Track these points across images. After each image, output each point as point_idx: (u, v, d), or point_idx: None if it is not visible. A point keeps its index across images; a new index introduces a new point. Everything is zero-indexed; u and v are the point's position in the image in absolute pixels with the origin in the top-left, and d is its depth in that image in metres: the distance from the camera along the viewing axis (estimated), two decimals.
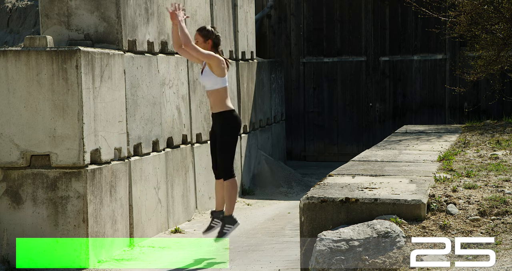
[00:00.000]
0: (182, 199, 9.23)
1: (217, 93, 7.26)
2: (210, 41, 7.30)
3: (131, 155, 8.01)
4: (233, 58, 11.42)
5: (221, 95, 7.26)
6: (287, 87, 14.87)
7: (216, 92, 7.26)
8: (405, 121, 14.38)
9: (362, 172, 6.35)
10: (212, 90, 7.28)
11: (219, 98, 7.27)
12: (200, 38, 7.30)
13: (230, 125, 7.29)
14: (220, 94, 7.26)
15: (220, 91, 7.25)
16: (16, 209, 7.06)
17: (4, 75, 7.02)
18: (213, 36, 7.30)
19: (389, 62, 14.66)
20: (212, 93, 7.30)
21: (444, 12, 12.65)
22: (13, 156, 7.04)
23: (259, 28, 14.83)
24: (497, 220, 5.14)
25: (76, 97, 6.97)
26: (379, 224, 4.93)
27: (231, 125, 7.30)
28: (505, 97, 13.41)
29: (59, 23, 7.85)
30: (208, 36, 7.30)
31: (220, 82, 7.25)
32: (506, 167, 6.53)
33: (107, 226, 7.34)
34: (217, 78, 7.24)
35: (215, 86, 7.26)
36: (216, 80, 7.25)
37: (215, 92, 7.27)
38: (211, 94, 7.30)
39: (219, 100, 7.27)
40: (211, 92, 7.29)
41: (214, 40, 7.31)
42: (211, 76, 7.24)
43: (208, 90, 7.33)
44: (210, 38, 7.30)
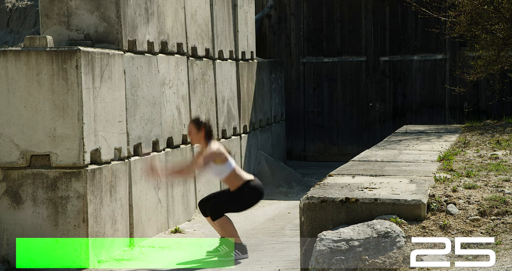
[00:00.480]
0: (182, 199, 9.23)
1: (227, 178, 7.42)
2: (203, 130, 7.37)
3: (131, 155, 8.01)
4: (233, 58, 11.42)
5: (232, 177, 7.39)
6: (287, 87, 14.87)
7: (226, 178, 7.42)
8: (405, 121, 14.38)
9: (362, 172, 6.35)
10: (222, 178, 7.46)
11: (231, 181, 7.42)
12: (194, 129, 7.40)
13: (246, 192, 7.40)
14: (230, 177, 7.40)
15: (229, 175, 7.39)
16: (16, 209, 7.06)
17: (4, 75, 7.02)
18: (206, 126, 7.41)
19: (389, 62, 14.66)
20: (223, 180, 7.48)
21: (444, 12, 12.65)
22: (13, 156, 7.04)
23: (259, 28, 14.83)
24: (497, 220, 5.14)
25: (76, 97, 6.97)
26: (379, 224, 4.93)
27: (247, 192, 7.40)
28: (505, 97, 13.41)
29: (59, 23, 7.85)
30: (200, 127, 7.40)
31: (226, 169, 7.37)
32: (506, 167, 6.53)
33: (107, 226, 7.34)
34: (221, 166, 7.36)
35: (223, 175, 7.40)
36: (222, 169, 7.37)
37: (225, 178, 7.43)
38: (223, 180, 7.48)
39: (231, 182, 7.42)
40: (223, 180, 7.47)
41: (207, 130, 7.40)
42: (216, 167, 7.37)
43: (221, 179, 7.51)
44: (202, 128, 7.39)
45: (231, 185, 7.40)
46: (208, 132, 7.40)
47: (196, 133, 7.38)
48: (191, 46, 9.77)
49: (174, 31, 9.22)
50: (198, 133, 7.37)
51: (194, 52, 9.88)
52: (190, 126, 7.43)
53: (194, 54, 9.90)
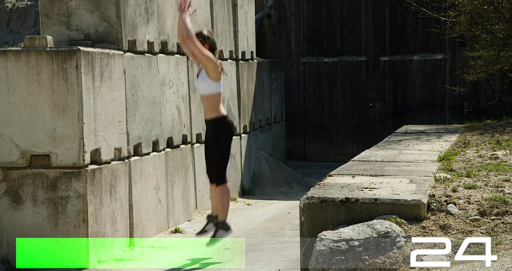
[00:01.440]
0: (182, 199, 9.23)
1: (211, 98, 7.25)
2: (207, 46, 7.30)
3: (131, 155, 8.01)
4: (233, 58, 11.42)
5: (215, 100, 7.25)
6: (287, 87, 14.87)
7: (210, 97, 7.25)
8: (405, 121, 14.38)
9: (362, 172, 6.35)
10: (206, 95, 7.27)
11: (213, 104, 7.26)
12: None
13: (224, 131, 7.31)
14: (214, 99, 7.25)
15: (215, 96, 7.25)
16: (16, 209, 7.06)
17: (4, 75, 7.02)
18: (210, 41, 7.31)
19: (389, 62, 14.66)
20: (206, 98, 7.29)
21: (444, 12, 12.65)
22: (13, 156, 7.04)
23: (259, 28, 14.83)
24: (497, 220, 5.14)
25: (76, 97, 6.97)
26: (379, 224, 4.93)
27: (225, 131, 7.31)
28: (505, 97, 13.41)
29: (59, 23, 7.85)
30: (204, 41, 7.30)
31: (215, 87, 7.24)
32: (506, 167, 6.53)
33: (107, 226, 7.34)
34: (212, 82, 7.23)
35: (209, 91, 7.25)
36: (211, 85, 7.24)
37: (209, 97, 7.26)
38: (205, 99, 7.29)
39: (212, 105, 7.26)
40: (205, 97, 7.28)
41: (211, 45, 7.31)
42: (206, 80, 7.24)
43: (202, 94, 7.32)
44: (206, 43, 7.30)
45: (211, 108, 7.24)
46: (212, 48, 7.30)
47: None
48: None
49: (174, 31, 9.22)
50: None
51: None
52: None
53: None
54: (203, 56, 7.20)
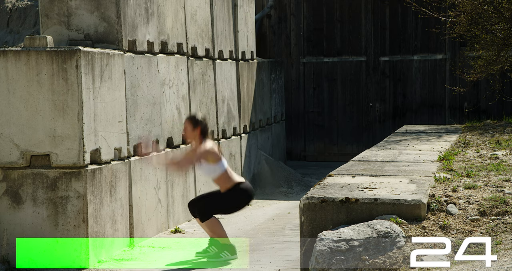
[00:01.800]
0: (182, 199, 9.23)
1: (218, 178, 7.36)
2: (199, 129, 7.34)
3: (131, 155, 8.01)
4: (233, 58, 11.42)
5: (223, 178, 7.34)
6: (287, 87, 14.87)
7: (218, 178, 7.37)
8: (405, 121, 14.38)
9: (362, 172, 6.35)
10: (214, 178, 7.40)
11: (222, 181, 7.36)
12: (189, 126, 7.35)
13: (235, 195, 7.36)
14: (222, 178, 7.34)
15: (221, 176, 7.34)
16: (16, 209, 7.06)
17: (4, 75, 7.02)
18: (202, 125, 7.35)
19: (389, 62, 14.66)
20: (215, 180, 7.41)
21: (444, 12, 12.65)
22: (13, 156, 7.04)
23: (259, 28, 14.83)
24: (497, 220, 5.14)
25: (76, 97, 6.97)
26: (379, 224, 4.93)
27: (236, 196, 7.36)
28: (505, 97, 13.41)
29: (59, 23, 7.85)
30: (196, 125, 7.35)
31: (218, 169, 7.32)
32: (506, 167, 6.53)
33: (107, 226, 7.34)
34: (214, 166, 7.31)
35: (214, 174, 7.35)
36: (214, 168, 7.32)
37: (216, 178, 7.38)
38: (215, 180, 7.41)
39: (222, 183, 7.37)
40: (214, 179, 7.41)
41: (202, 128, 7.35)
42: (208, 166, 7.33)
43: (211, 178, 7.45)
44: (198, 126, 7.35)
45: (221, 186, 7.36)
46: (204, 130, 7.35)
47: (192, 131, 7.32)
48: (191, 46, 9.77)
49: (174, 31, 9.22)
50: (194, 131, 7.32)
51: (194, 52, 9.88)
52: (186, 124, 7.37)
53: (194, 54, 9.90)
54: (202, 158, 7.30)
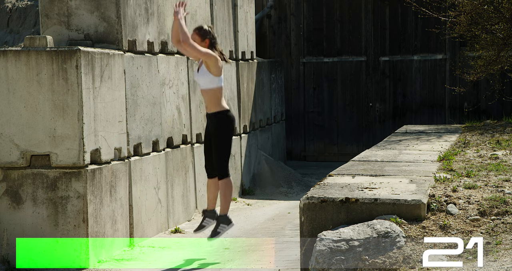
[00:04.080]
0: (182, 199, 9.23)
1: (212, 92, 7.25)
2: (207, 41, 7.28)
3: (131, 155, 8.01)
4: (233, 58, 11.42)
5: (216, 94, 7.25)
6: (287, 87, 14.87)
7: (211, 92, 7.25)
8: (405, 121, 14.38)
9: (362, 172, 6.35)
10: (207, 89, 7.27)
11: (214, 98, 7.25)
12: (197, 38, 7.28)
13: (226, 125, 7.30)
14: (215, 93, 7.24)
15: (216, 90, 7.24)
16: (16, 209, 7.06)
17: (4, 75, 7.02)
18: (210, 36, 7.28)
19: (389, 62, 14.66)
20: (207, 92, 7.28)
21: (444, 12, 12.65)
22: (13, 156, 7.04)
23: (259, 28, 14.83)
24: (497, 220, 5.14)
25: (76, 97, 6.97)
26: (379, 224, 4.93)
27: (227, 125, 7.30)
28: (505, 97, 13.41)
29: (59, 23, 7.85)
30: (205, 36, 7.28)
31: (216, 82, 7.24)
32: (506, 167, 6.53)
33: (107, 226, 7.35)
34: (213, 77, 7.22)
35: (211, 86, 7.24)
36: (212, 79, 7.23)
37: (210, 91, 7.26)
38: (206, 93, 7.29)
39: (214, 100, 7.26)
40: (206, 91, 7.28)
41: (211, 39, 7.28)
42: (207, 75, 7.23)
43: (203, 89, 7.31)
44: (207, 38, 7.29)
45: (211, 103, 7.23)
46: (212, 43, 7.27)
47: (200, 43, 7.23)
48: None
49: None
50: (202, 43, 7.24)
51: None
52: (194, 36, 7.25)
53: None
54: (202, 55, 7.20)
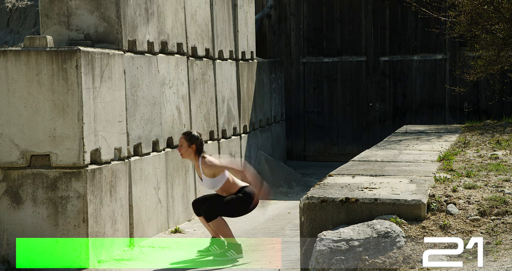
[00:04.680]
0: (182, 199, 9.23)
1: (223, 187, 7.36)
2: (194, 146, 7.34)
3: (131, 155, 8.01)
4: (233, 58, 11.42)
5: (228, 185, 7.35)
6: (287, 87, 14.87)
7: (222, 187, 7.36)
8: (405, 121, 14.37)
9: (362, 172, 6.35)
10: (218, 189, 7.38)
11: (227, 188, 7.36)
12: (185, 143, 7.35)
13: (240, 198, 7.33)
14: (228, 185, 7.35)
15: (225, 184, 7.34)
16: (16, 209, 7.06)
17: (4, 75, 7.02)
18: (198, 142, 7.35)
19: (389, 62, 14.66)
20: (220, 190, 7.39)
21: (444, 12, 12.65)
22: (13, 156, 7.04)
23: (259, 28, 14.83)
24: (497, 220, 5.14)
25: (76, 97, 6.97)
26: (379, 224, 4.93)
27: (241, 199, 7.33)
28: (505, 97, 13.41)
29: (59, 23, 7.85)
30: (192, 141, 7.34)
31: (221, 179, 7.33)
32: (506, 167, 6.53)
33: (107, 226, 7.34)
34: (218, 177, 7.31)
35: (219, 185, 7.35)
36: (217, 180, 7.33)
37: (221, 188, 7.37)
38: (219, 191, 7.39)
39: (227, 190, 7.37)
40: (218, 190, 7.39)
41: (198, 145, 7.35)
42: (210, 180, 7.34)
43: (217, 190, 7.41)
44: (194, 143, 7.35)
45: (227, 192, 7.37)
46: (199, 148, 7.36)
47: (187, 148, 7.33)
48: (191, 46, 9.77)
49: (174, 31, 9.22)
50: (189, 148, 7.34)
51: (194, 52, 9.88)
52: (182, 140, 7.37)
53: (194, 54, 9.90)
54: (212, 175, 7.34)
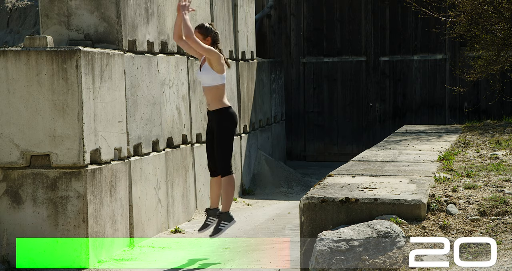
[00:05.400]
0: (182, 199, 9.23)
1: (215, 90, 7.24)
2: (209, 38, 7.29)
3: (131, 155, 8.01)
4: (233, 58, 11.42)
5: (219, 92, 7.24)
6: (287, 87, 14.87)
7: (214, 89, 7.24)
8: (405, 121, 14.38)
9: (362, 172, 6.35)
10: (210, 87, 7.26)
11: (217, 96, 7.25)
12: (199, 36, 7.28)
13: (228, 122, 7.28)
14: (218, 91, 7.24)
15: (219, 88, 7.23)
16: (16, 209, 7.06)
17: (4, 75, 7.02)
18: (212, 33, 7.29)
19: (389, 62, 14.66)
20: (210, 90, 7.27)
21: (444, 12, 12.65)
22: (13, 156, 7.04)
23: (259, 28, 14.83)
24: (497, 220, 5.14)
25: (76, 97, 6.97)
26: (379, 224, 4.93)
27: (228, 122, 7.29)
28: (505, 97, 13.41)
29: (59, 23, 7.85)
30: (207, 33, 7.29)
31: (219, 79, 7.23)
32: (506, 167, 6.53)
33: (107, 226, 7.35)
34: (216, 74, 7.22)
35: (213, 83, 7.23)
36: (215, 77, 7.22)
37: (213, 89, 7.25)
38: (209, 91, 7.27)
39: (216, 97, 7.25)
40: (209, 88, 7.26)
41: (213, 37, 7.29)
42: (209, 72, 7.23)
43: (206, 86, 7.29)
44: (209, 35, 7.29)
45: (214, 100, 7.23)
46: (215, 40, 7.29)
47: (202, 41, 7.23)
48: None
49: None
50: (204, 41, 7.25)
51: None
52: (196, 33, 7.25)
53: None
54: (204, 51, 7.19)
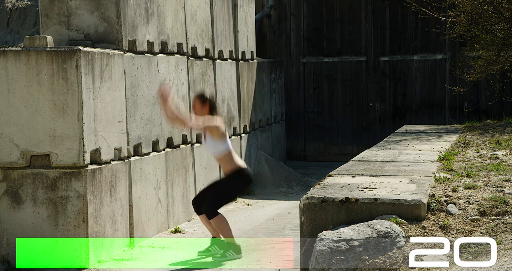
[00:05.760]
0: (182, 199, 9.23)
1: (223, 157, 7.36)
2: (207, 104, 7.39)
3: (131, 155, 8.01)
4: (233, 58, 11.42)
5: (227, 158, 7.35)
6: (287, 87, 14.87)
7: (222, 157, 7.37)
8: (405, 121, 14.38)
9: (362, 172, 6.35)
10: (218, 156, 7.40)
11: (226, 161, 7.36)
12: (198, 103, 7.39)
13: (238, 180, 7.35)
14: (226, 157, 7.35)
15: (226, 155, 7.34)
16: (16, 209, 7.06)
17: (4, 75, 7.02)
18: (211, 102, 7.42)
19: (389, 62, 14.66)
20: (219, 159, 7.42)
21: (444, 12, 12.65)
22: (13, 156, 7.04)
23: (259, 28, 14.83)
24: (497, 220, 5.14)
25: (76, 97, 6.97)
26: (379, 224, 4.93)
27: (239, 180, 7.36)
28: (505, 97, 13.41)
29: (59, 23, 7.85)
30: (205, 101, 7.40)
31: (223, 148, 7.33)
32: (506, 167, 6.53)
33: (107, 226, 7.34)
34: (219, 144, 7.33)
35: (219, 153, 7.36)
36: (219, 146, 7.33)
37: (220, 157, 7.38)
38: (218, 159, 7.43)
39: (226, 162, 7.37)
40: (217, 158, 7.42)
41: (211, 105, 7.42)
42: (213, 143, 7.34)
43: (216, 156, 7.44)
44: (207, 102, 7.41)
45: (224, 166, 7.36)
46: (212, 107, 7.39)
47: (201, 108, 7.36)
48: (191, 46, 9.77)
49: (174, 31, 9.22)
50: (202, 108, 7.35)
51: (194, 52, 9.88)
52: (195, 101, 7.40)
53: (194, 54, 9.90)
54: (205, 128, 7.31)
